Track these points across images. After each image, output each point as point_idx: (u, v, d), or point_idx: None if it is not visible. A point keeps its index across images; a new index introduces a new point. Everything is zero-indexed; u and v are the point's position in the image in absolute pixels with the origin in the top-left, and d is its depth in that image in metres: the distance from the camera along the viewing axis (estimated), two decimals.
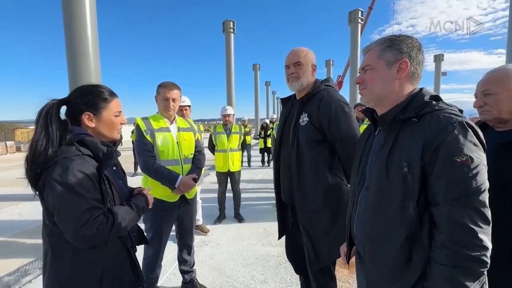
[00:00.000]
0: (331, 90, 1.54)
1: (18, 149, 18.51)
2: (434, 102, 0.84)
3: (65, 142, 1.00)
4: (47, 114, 1.00)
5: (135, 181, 5.85)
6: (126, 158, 1.91)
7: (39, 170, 0.96)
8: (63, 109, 1.09)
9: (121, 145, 1.66)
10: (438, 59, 22.57)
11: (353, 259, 1.17)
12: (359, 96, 1.06)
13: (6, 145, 17.66)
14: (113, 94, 1.16)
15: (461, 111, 0.85)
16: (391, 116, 0.90)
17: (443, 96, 0.95)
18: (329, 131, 1.46)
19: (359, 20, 12.56)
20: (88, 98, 1.09)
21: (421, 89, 0.93)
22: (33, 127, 1.05)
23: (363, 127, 4.00)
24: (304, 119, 1.50)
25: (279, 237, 1.86)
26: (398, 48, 0.91)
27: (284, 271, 2.57)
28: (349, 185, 1.55)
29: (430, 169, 0.78)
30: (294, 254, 1.85)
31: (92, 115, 1.08)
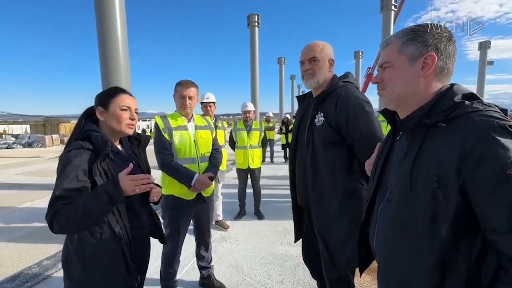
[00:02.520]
0: (350, 87, 1.42)
1: (62, 142, 20.35)
2: (467, 103, 0.70)
3: (78, 137, 1.14)
4: (79, 118, 1.21)
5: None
6: (152, 152, 2.02)
7: None
8: None
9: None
10: (484, 46, 20.37)
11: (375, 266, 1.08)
12: None
13: (52, 138, 19.55)
14: (120, 91, 1.23)
15: (504, 111, 0.69)
16: (414, 120, 0.77)
17: (488, 87, 0.78)
18: (347, 131, 1.35)
19: (392, 7, 11.72)
20: (100, 96, 1.23)
21: (451, 86, 0.78)
22: (75, 121, 1.24)
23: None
24: (319, 118, 1.40)
25: (295, 240, 1.80)
26: (423, 40, 0.77)
27: (303, 273, 2.51)
28: None
29: (474, 188, 0.64)
30: (311, 258, 1.78)
31: (102, 109, 1.20)
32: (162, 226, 1.55)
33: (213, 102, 3.34)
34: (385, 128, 3.87)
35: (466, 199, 0.66)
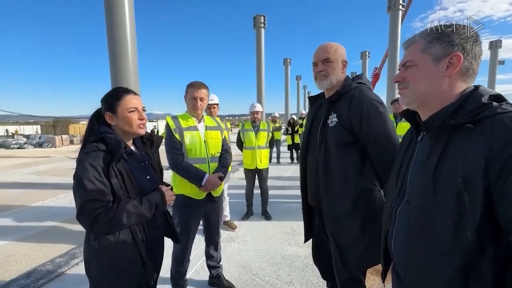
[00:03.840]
0: (364, 88, 1.42)
1: (72, 142, 20.76)
2: (495, 104, 0.69)
3: (93, 140, 1.16)
4: (89, 119, 1.22)
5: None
6: (162, 152, 2.05)
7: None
8: None
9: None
10: (495, 46, 20.01)
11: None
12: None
13: (62, 138, 19.96)
14: (125, 92, 1.22)
15: None
16: (439, 121, 0.75)
17: (499, 87, 0.76)
18: (360, 132, 1.35)
19: (400, 7, 11.60)
20: (106, 100, 1.22)
21: (476, 88, 0.77)
22: (84, 122, 1.23)
23: (402, 125, 3.69)
24: (333, 119, 1.40)
25: (305, 241, 1.80)
26: (449, 40, 0.76)
27: (311, 274, 2.50)
28: (382, 191, 1.43)
29: (500, 189, 0.63)
30: (321, 259, 1.78)
31: (111, 114, 1.20)
32: None
33: (217, 104, 3.36)
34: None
35: (492, 201, 0.64)
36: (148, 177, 1.28)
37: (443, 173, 0.71)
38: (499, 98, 0.72)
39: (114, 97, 1.21)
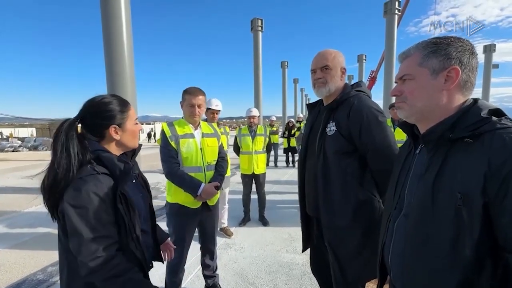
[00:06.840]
0: (363, 96, 1.39)
1: None
2: (494, 119, 0.68)
3: (86, 162, 0.95)
4: (67, 135, 0.94)
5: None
6: (156, 155, 1.97)
7: (59, 195, 0.91)
8: None
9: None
10: (489, 49, 20.33)
11: None
12: None
13: None
14: (129, 104, 1.12)
15: None
16: (437, 134, 0.75)
17: (493, 90, 0.75)
18: (360, 141, 1.32)
19: (396, 11, 11.73)
20: (111, 111, 1.04)
21: (475, 101, 0.76)
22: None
23: (399, 131, 3.68)
24: (331, 128, 1.37)
25: (303, 250, 1.76)
26: (446, 53, 0.75)
27: (309, 282, 2.46)
28: (381, 202, 1.40)
29: (498, 206, 0.62)
30: (320, 270, 1.74)
31: (117, 127, 1.05)
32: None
33: (219, 110, 3.32)
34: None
35: (490, 218, 0.64)
36: (140, 194, 1.18)
37: (441, 188, 0.71)
38: (498, 112, 0.71)
39: (123, 109, 1.06)
